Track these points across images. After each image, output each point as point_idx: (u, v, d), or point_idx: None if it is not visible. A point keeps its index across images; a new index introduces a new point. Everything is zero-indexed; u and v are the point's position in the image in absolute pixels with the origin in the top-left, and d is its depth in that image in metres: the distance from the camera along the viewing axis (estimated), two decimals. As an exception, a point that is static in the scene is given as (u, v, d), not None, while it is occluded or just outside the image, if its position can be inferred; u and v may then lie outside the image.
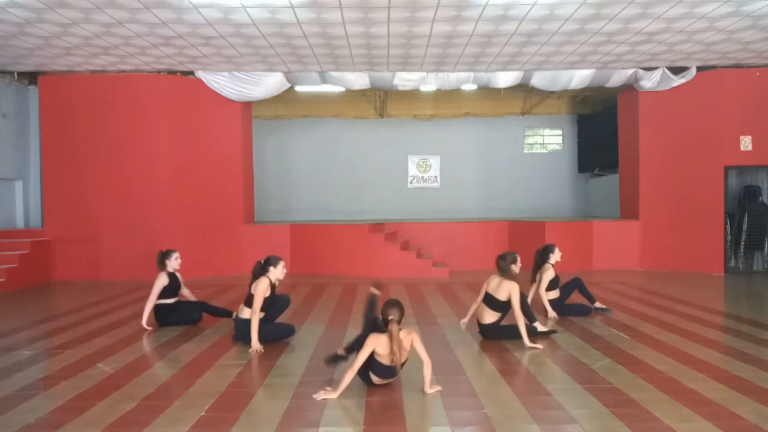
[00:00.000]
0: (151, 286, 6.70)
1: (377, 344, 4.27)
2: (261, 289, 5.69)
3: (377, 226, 11.99)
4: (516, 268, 6.01)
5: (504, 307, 5.85)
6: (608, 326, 6.56)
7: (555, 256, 7.20)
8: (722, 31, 8.70)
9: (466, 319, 6.31)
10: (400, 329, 4.29)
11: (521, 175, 16.59)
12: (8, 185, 11.41)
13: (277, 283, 6.02)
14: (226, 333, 6.43)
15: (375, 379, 4.43)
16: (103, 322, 7.04)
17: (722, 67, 10.81)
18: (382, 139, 16.54)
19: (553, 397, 4.23)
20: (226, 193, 11.67)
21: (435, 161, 16.73)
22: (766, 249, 11.23)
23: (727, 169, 11.00)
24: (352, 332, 6.42)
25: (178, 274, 6.91)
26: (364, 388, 4.44)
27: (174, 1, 7.32)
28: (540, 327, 6.10)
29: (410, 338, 4.37)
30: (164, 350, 5.71)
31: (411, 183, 16.73)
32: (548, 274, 7.06)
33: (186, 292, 7.07)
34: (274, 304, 6.05)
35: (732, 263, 11.27)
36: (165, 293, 6.72)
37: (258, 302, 5.66)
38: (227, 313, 6.97)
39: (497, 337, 5.93)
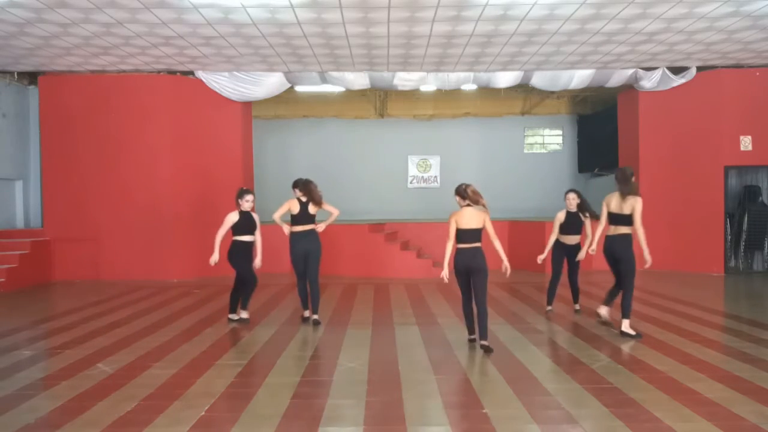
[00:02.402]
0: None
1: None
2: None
3: (377, 226, 11.99)
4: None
5: (629, 219, 5.93)
6: (608, 326, 6.55)
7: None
8: (722, 31, 8.70)
9: (594, 246, 6.70)
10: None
11: (521, 175, 16.57)
12: (8, 185, 11.40)
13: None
14: (227, 333, 6.44)
15: None
16: (103, 322, 7.04)
17: (722, 67, 10.81)
18: (382, 139, 16.52)
19: (553, 397, 4.23)
20: (226, 193, 11.60)
21: (435, 161, 16.72)
22: (766, 249, 11.23)
23: (727, 169, 11.00)
24: (353, 332, 6.44)
25: (254, 215, 7.01)
26: (364, 388, 4.45)
27: (174, 1, 7.32)
28: (626, 328, 5.95)
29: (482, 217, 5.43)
30: (164, 350, 5.71)
31: (411, 183, 16.73)
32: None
33: (258, 239, 7.09)
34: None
35: (732, 263, 11.26)
36: (239, 230, 6.83)
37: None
38: (233, 310, 7.11)
39: (622, 247, 6.03)
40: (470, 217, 5.47)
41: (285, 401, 4.19)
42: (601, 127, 15.00)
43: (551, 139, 17.18)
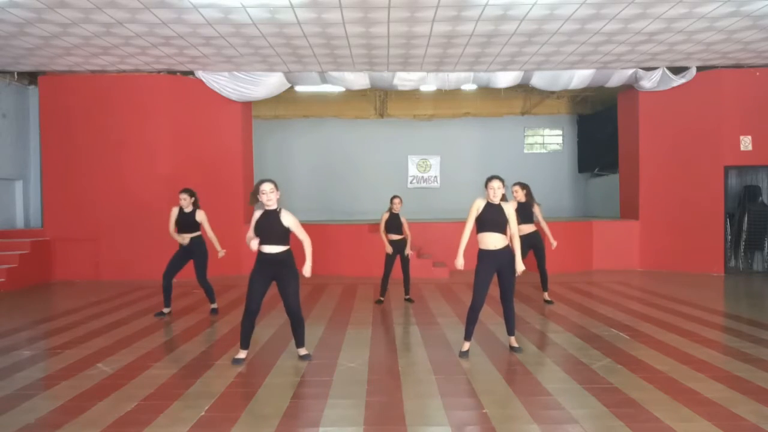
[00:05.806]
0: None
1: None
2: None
3: (377, 226, 11.97)
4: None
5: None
6: (608, 326, 6.56)
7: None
8: (722, 31, 8.70)
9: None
10: None
11: (521, 175, 16.40)
12: (8, 185, 11.40)
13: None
14: (226, 333, 6.44)
15: None
16: (103, 322, 7.04)
17: (722, 67, 10.81)
18: (382, 139, 16.53)
19: (553, 397, 4.23)
20: (226, 193, 11.65)
21: (435, 161, 16.73)
22: (766, 249, 11.23)
23: (727, 169, 11.00)
24: (353, 332, 6.44)
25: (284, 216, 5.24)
26: (364, 388, 4.45)
27: (174, 1, 7.32)
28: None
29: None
30: (164, 350, 5.72)
31: (411, 183, 16.72)
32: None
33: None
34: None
35: (732, 263, 11.26)
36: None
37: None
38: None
39: None
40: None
41: (285, 401, 4.19)
42: (601, 127, 15.01)
43: (551, 139, 17.19)
